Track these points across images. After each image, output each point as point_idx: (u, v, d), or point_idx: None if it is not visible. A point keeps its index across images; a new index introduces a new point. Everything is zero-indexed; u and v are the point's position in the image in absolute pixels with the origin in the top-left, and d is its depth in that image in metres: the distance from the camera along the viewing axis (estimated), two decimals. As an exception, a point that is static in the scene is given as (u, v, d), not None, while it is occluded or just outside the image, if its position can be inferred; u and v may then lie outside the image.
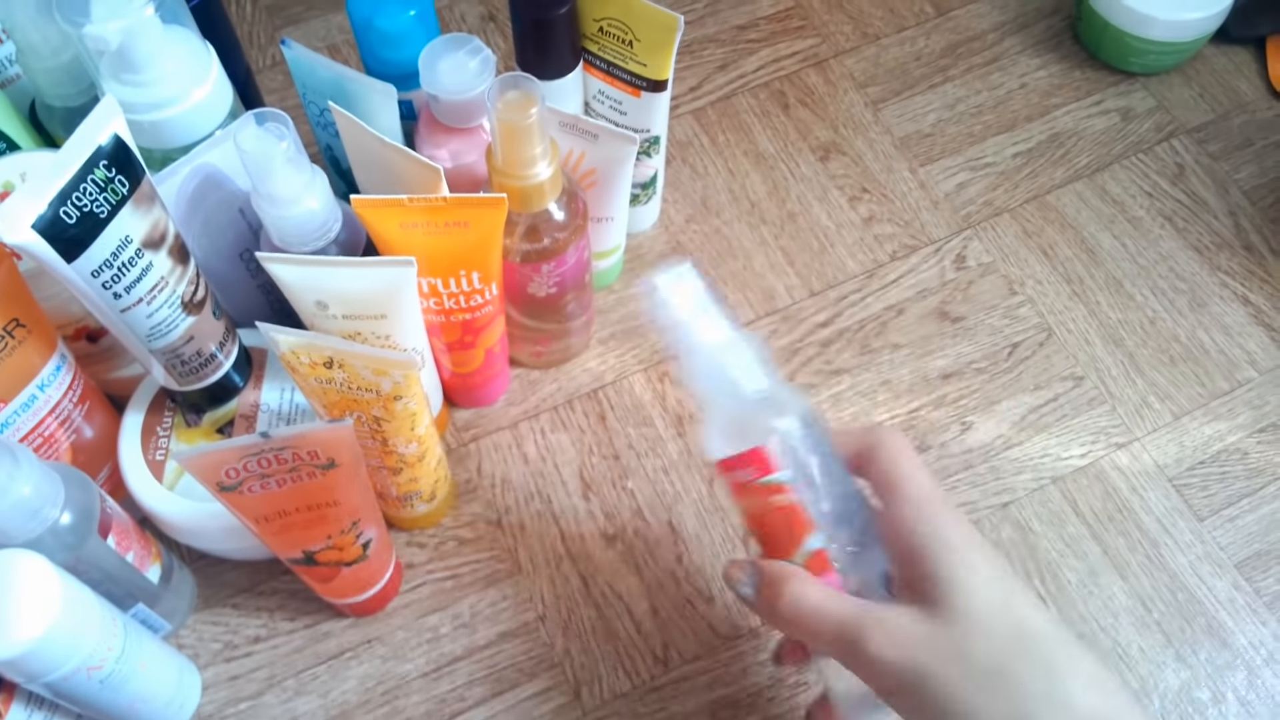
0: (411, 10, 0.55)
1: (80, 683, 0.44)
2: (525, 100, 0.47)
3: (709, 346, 0.40)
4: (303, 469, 0.44)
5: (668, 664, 0.56)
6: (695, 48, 0.79)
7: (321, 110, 0.57)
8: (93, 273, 0.44)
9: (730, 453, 0.40)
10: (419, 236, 0.50)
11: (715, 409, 0.41)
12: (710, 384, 0.40)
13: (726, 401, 0.40)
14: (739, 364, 0.40)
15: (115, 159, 0.44)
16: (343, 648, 0.56)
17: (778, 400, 0.40)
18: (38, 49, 0.53)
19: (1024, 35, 0.80)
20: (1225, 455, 0.63)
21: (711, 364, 0.40)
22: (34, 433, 0.51)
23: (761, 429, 0.39)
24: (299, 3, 0.81)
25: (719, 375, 0.40)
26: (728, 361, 0.40)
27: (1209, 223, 0.71)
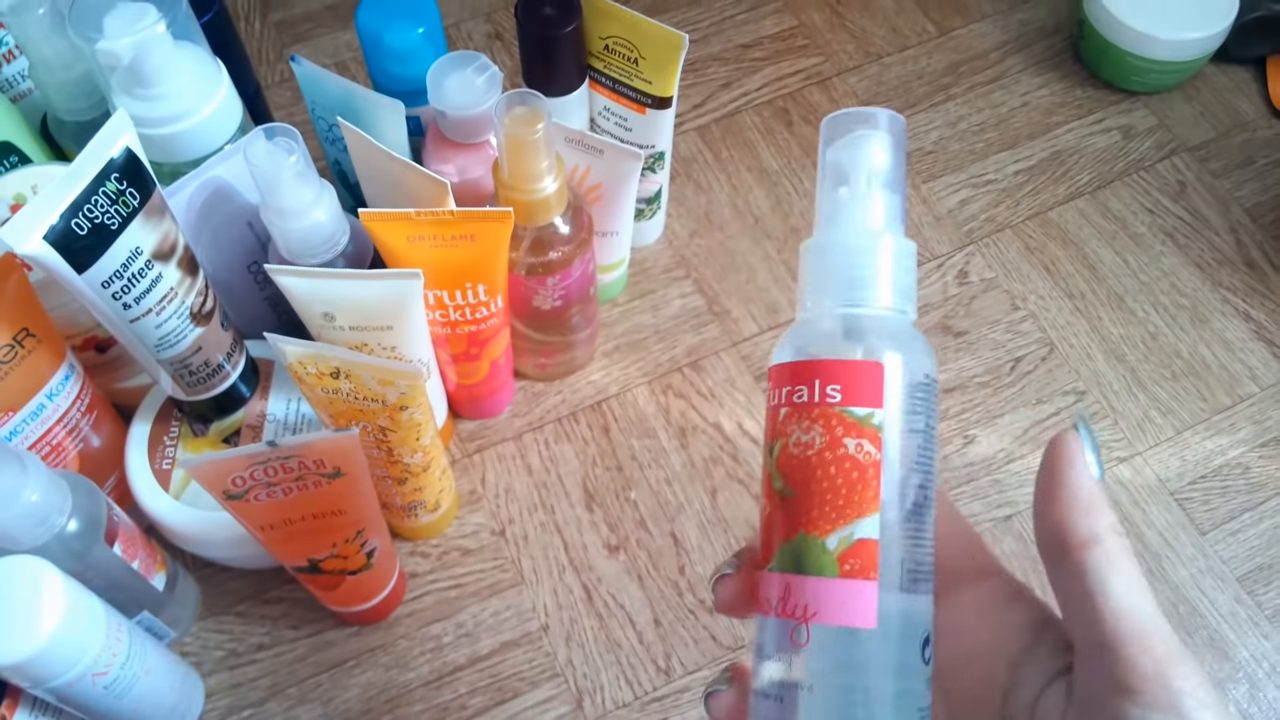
0: (420, 28, 0.56)
1: (85, 688, 0.45)
2: (532, 116, 0.48)
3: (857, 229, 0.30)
4: (309, 478, 0.44)
5: (670, 674, 0.56)
6: (700, 66, 0.80)
7: (330, 125, 0.58)
8: (103, 283, 0.44)
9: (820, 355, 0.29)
10: (426, 249, 0.50)
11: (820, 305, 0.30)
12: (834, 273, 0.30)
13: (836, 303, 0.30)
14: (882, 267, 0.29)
15: (127, 172, 0.44)
16: (346, 656, 0.57)
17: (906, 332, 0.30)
18: (50, 64, 0.54)
19: (1025, 54, 0.81)
20: (1227, 470, 0.63)
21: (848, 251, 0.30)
22: (42, 441, 0.51)
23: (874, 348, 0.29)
24: (308, 20, 0.82)
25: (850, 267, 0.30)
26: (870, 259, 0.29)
27: (1210, 239, 0.72)
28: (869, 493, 0.28)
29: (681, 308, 0.69)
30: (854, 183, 0.30)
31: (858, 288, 0.29)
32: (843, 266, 0.30)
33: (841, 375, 0.29)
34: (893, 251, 0.29)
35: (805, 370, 0.29)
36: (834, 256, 0.30)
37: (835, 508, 0.28)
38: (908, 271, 0.30)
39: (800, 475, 0.28)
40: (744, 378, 0.66)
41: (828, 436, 0.28)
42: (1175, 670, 0.25)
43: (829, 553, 0.28)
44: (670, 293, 0.69)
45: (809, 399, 0.29)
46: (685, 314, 0.68)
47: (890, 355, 0.29)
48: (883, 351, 0.29)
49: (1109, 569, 0.27)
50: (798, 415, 0.29)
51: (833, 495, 0.28)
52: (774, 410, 0.30)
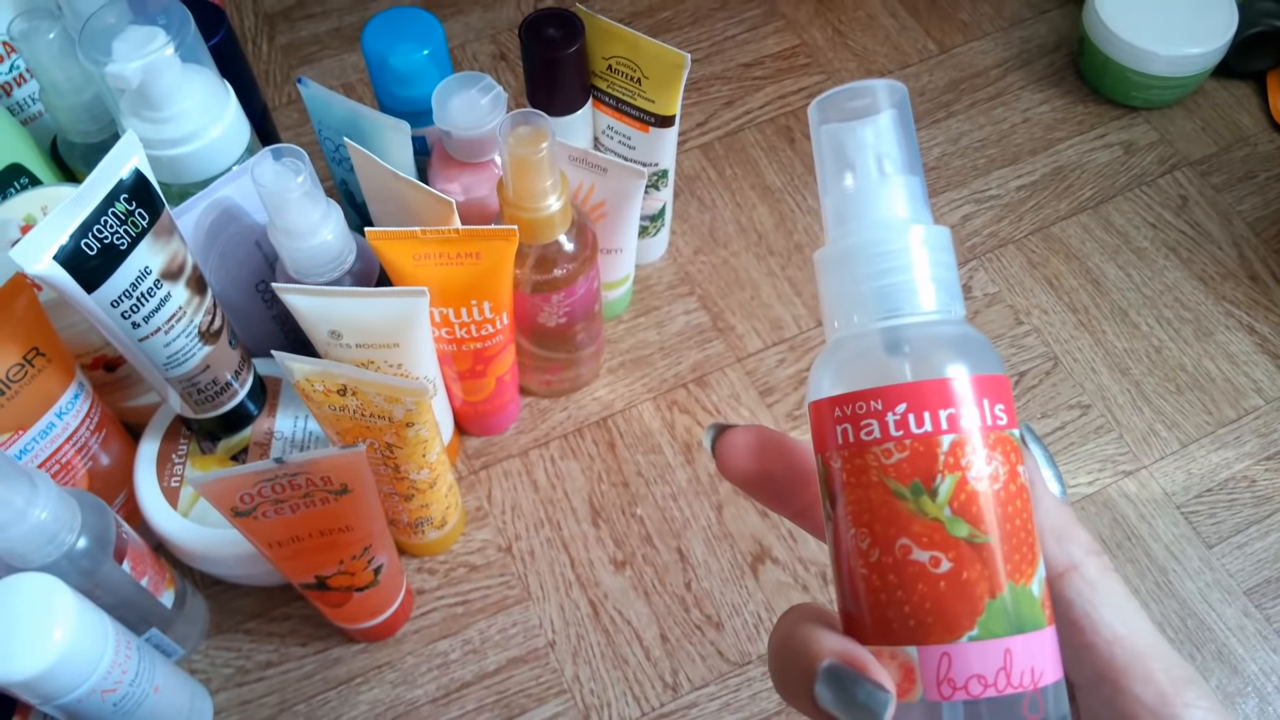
0: (425, 49, 0.56)
1: (94, 706, 0.45)
2: (536, 135, 0.48)
3: (878, 222, 0.25)
4: (316, 495, 0.44)
5: (677, 690, 0.56)
6: (702, 84, 0.81)
7: (337, 146, 0.58)
8: (112, 303, 0.45)
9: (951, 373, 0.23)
10: (431, 267, 0.51)
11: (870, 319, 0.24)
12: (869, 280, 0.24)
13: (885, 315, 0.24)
14: (923, 266, 0.24)
15: (136, 193, 0.45)
16: (353, 673, 0.57)
17: (977, 341, 0.24)
18: (60, 87, 0.54)
19: (1026, 71, 0.81)
20: (1233, 483, 0.63)
21: (873, 249, 0.24)
22: (52, 459, 0.52)
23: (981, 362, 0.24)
24: (314, 42, 0.83)
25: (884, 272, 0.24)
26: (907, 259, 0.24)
27: (1213, 253, 0.72)
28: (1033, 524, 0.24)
29: (686, 324, 0.69)
30: (862, 169, 0.25)
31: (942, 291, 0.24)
32: (875, 268, 0.24)
33: (1000, 393, 0.24)
34: (926, 241, 0.24)
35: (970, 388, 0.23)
36: (859, 259, 0.25)
37: (1029, 547, 0.24)
38: (947, 263, 0.25)
39: (993, 515, 0.23)
40: (749, 393, 0.66)
41: (1007, 466, 0.24)
42: (1181, 698, 0.23)
43: (1035, 600, 0.23)
44: (674, 309, 0.70)
45: (983, 421, 0.23)
46: (690, 330, 0.69)
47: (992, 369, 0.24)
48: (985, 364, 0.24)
49: (1093, 596, 0.25)
50: (971, 443, 0.23)
51: (1026, 534, 0.24)
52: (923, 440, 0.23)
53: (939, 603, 0.23)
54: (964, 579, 0.23)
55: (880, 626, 0.23)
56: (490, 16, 0.85)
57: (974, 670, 0.22)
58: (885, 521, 0.23)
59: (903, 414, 0.23)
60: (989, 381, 0.24)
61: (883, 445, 0.23)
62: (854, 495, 0.24)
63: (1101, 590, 0.25)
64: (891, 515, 0.23)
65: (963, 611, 0.22)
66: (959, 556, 0.23)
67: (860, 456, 0.24)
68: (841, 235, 0.25)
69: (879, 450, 0.23)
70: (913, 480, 0.23)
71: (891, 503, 0.23)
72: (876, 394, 0.23)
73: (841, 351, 0.25)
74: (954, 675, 0.22)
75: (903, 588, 0.23)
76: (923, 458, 0.23)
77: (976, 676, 0.22)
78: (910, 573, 0.23)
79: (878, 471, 0.23)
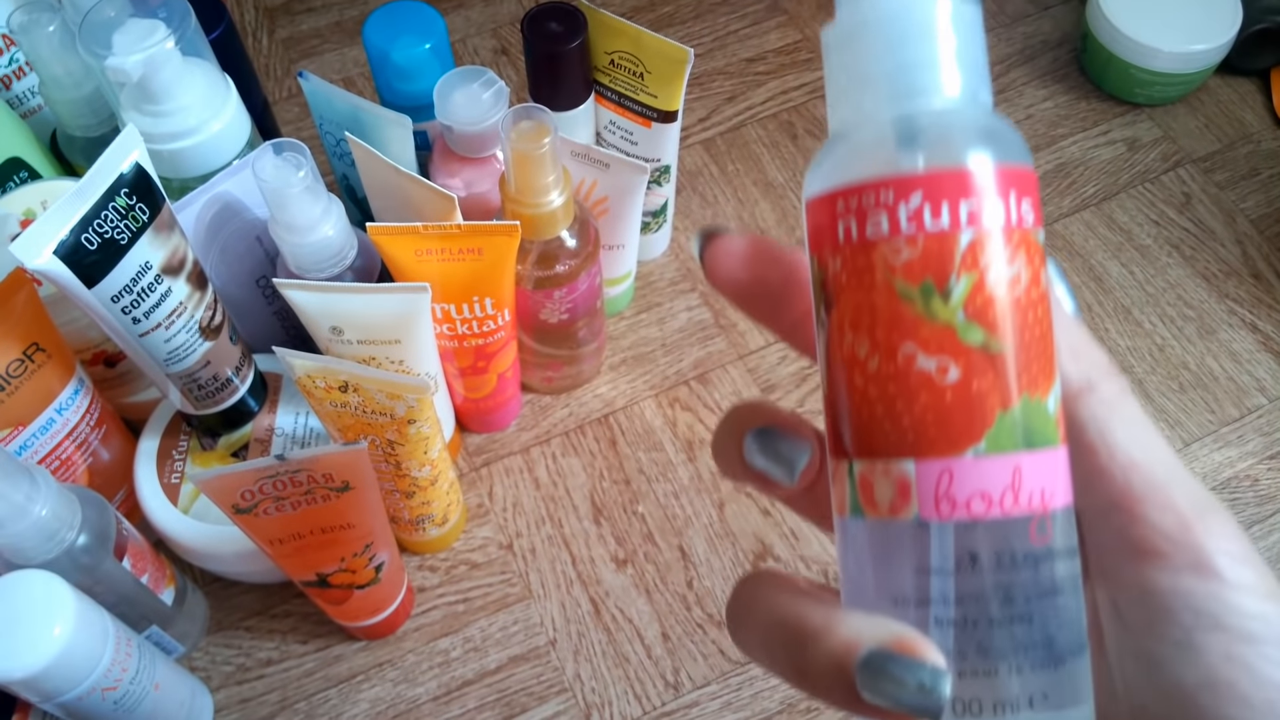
0: (427, 44, 0.56)
1: (94, 703, 0.45)
2: (538, 130, 0.48)
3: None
4: (317, 492, 0.44)
5: (679, 689, 0.56)
6: (705, 80, 0.80)
7: (338, 140, 0.58)
8: (113, 298, 0.44)
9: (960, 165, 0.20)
10: (433, 263, 0.51)
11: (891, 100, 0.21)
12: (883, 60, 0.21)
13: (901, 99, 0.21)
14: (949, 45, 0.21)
15: (136, 187, 0.44)
16: (354, 671, 0.57)
17: (1005, 130, 0.22)
18: (60, 81, 0.54)
19: (1030, 67, 0.81)
20: (1236, 482, 0.63)
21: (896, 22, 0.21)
22: (52, 455, 0.51)
23: (1007, 151, 0.21)
24: (315, 36, 0.83)
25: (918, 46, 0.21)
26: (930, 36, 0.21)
27: (1216, 251, 0.72)
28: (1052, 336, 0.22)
29: (688, 320, 0.69)
30: None
31: (969, 71, 0.21)
32: (893, 44, 0.21)
33: (1027, 187, 0.21)
34: (953, 15, 0.21)
35: (996, 180, 0.21)
36: (872, 36, 0.22)
37: (1048, 357, 0.21)
38: (977, 43, 0.22)
39: (1012, 320, 0.21)
40: (751, 390, 0.66)
41: (1030, 269, 0.21)
42: (1202, 524, 0.21)
43: (1050, 416, 0.21)
44: (677, 305, 0.69)
45: (1007, 218, 0.21)
46: (692, 327, 0.68)
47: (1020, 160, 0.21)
48: (1014, 155, 0.21)
49: (1110, 418, 0.22)
50: (993, 241, 0.20)
51: (1044, 343, 0.21)
52: (938, 236, 0.20)
53: (944, 414, 0.20)
54: (974, 389, 0.20)
55: (874, 440, 0.21)
56: (492, 11, 0.84)
57: (978, 487, 0.20)
58: (888, 326, 0.21)
59: (917, 207, 0.20)
60: (1016, 174, 0.21)
61: (892, 242, 0.21)
62: (854, 298, 0.21)
63: (1119, 413, 0.22)
64: (896, 319, 0.21)
65: (970, 424, 0.20)
66: (969, 365, 0.20)
67: (865, 255, 0.21)
68: (853, 10, 0.22)
69: (887, 248, 0.21)
70: (924, 280, 0.20)
71: (897, 305, 0.21)
72: (888, 184, 0.21)
73: (847, 141, 0.22)
74: (955, 492, 0.20)
75: (903, 398, 0.21)
76: (937, 256, 0.20)
77: (980, 494, 0.20)
78: (913, 382, 0.21)
79: (884, 271, 0.21)
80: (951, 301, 0.20)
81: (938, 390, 0.20)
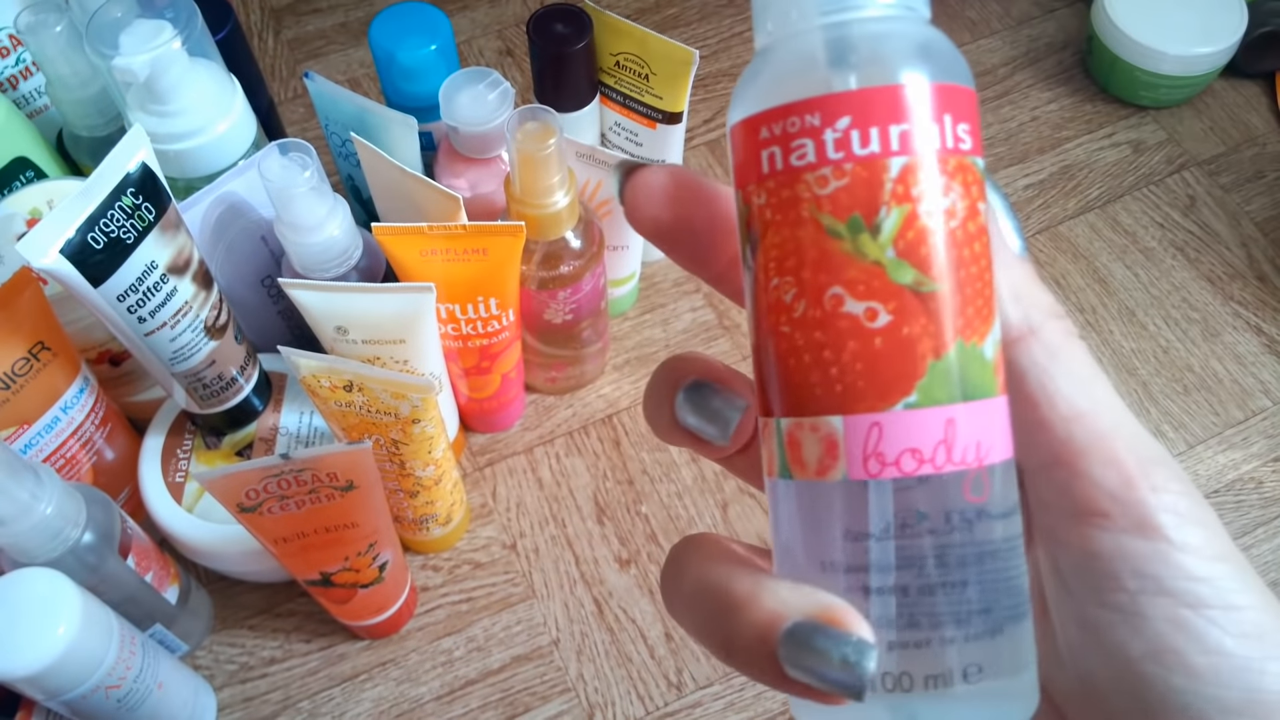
0: (432, 45, 0.56)
1: (98, 701, 0.45)
2: (544, 131, 0.48)
3: None
4: (322, 491, 0.44)
5: (681, 689, 0.56)
6: (709, 81, 0.80)
7: (343, 141, 0.58)
8: (118, 297, 0.44)
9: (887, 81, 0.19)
10: (438, 263, 0.51)
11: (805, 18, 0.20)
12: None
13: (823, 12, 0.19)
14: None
15: (142, 187, 0.45)
16: (357, 670, 0.57)
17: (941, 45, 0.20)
18: (67, 81, 0.54)
19: (1035, 69, 0.81)
20: (1240, 484, 0.63)
21: None
22: (57, 454, 0.51)
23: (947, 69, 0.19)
24: (321, 37, 0.83)
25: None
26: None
27: (1221, 253, 0.72)
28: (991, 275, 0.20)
29: (692, 321, 0.69)
30: None
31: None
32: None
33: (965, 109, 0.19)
34: None
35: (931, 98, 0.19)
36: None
37: (985, 301, 0.19)
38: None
39: (948, 257, 0.19)
40: (754, 392, 0.66)
41: (967, 200, 0.19)
42: (1148, 480, 0.20)
43: (988, 364, 0.19)
44: (681, 306, 0.70)
45: (944, 144, 0.19)
46: (696, 328, 0.69)
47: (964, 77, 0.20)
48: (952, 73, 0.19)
49: (1051, 365, 0.20)
50: (927, 168, 0.19)
51: (982, 284, 0.19)
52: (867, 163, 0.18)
53: (872, 363, 0.19)
54: (904, 334, 0.18)
55: (799, 395, 0.19)
56: (497, 12, 0.85)
57: (909, 443, 0.19)
58: (815, 266, 0.19)
59: (844, 130, 0.18)
60: (953, 93, 0.19)
61: (817, 172, 0.19)
62: (779, 236, 0.19)
63: (1062, 359, 0.20)
64: (823, 258, 0.19)
65: (900, 373, 0.19)
66: (900, 308, 0.18)
67: (790, 187, 0.19)
68: None
69: (812, 178, 0.19)
70: (851, 214, 0.18)
71: (824, 243, 0.19)
72: (812, 105, 0.19)
73: (771, 58, 0.20)
74: (884, 449, 0.19)
75: (830, 346, 0.19)
76: (865, 185, 0.18)
77: (910, 450, 0.19)
78: (841, 328, 0.19)
79: (810, 205, 0.19)
80: (881, 237, 0.18)
81: (866, 336, 0.19)
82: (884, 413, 0.19)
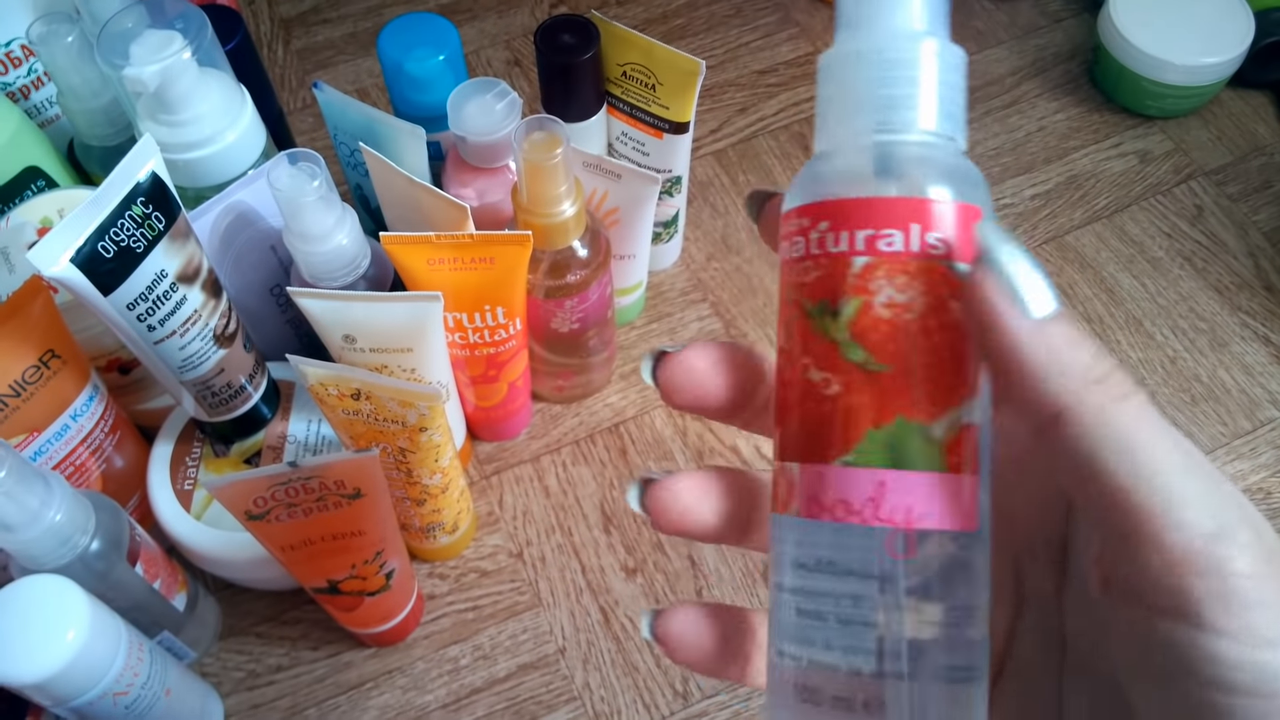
0: (440, 55, 0.56)
1: (106, 708, 0.45)
2: (550, 141, 0.48)
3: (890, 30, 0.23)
4: (329, 499, 0.44)
5: (687, 698, 0.56)
6: (716, 91, 0.81)
7: (352, 151, 0.58)
8: (128, 305, 0.45)
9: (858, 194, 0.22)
10: (445, 272, 0.51)
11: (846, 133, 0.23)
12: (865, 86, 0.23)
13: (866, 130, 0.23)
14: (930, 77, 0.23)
15: (152, 196, 0.45)
16: (364, 678, 0.57)
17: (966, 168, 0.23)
18: (78, 91, 0.55)
19: (1042, 79, 0.81)
20: (1248, 495, 0.62)
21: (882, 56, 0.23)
22: (66, 461, 0.52)
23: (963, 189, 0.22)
24: (330, 48, 0.83)
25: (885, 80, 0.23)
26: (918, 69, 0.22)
27: (1228, 263, 0.71)
28: (971, 367, 0.22)
29: (699, 330, 0.69)
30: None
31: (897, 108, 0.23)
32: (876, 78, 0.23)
33: (941, 221, 0.22)
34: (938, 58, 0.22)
35: (897, 210, 0.22)
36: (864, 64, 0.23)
37: (942, 387, 0.22)
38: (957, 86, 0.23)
39: (896, 345, 0.22)
40: (761, 401, 0.66)
41: (930, 297, 0.22)
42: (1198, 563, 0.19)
43: (934, 442, 0.22)
44: (687, 315, 0.70)
45: (906, 247, 0.22)
46: (703, 337, 0.69)
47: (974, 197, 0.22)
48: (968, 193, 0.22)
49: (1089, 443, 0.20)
50: (889, 267, 0.22)
51: (938, 371, 0.22)
52: (836, 260, 0.22)
53: (822, 423, 0.23)
54: (848, 403, 0.22)
55: (782, 442, 0.24)
56: (505, 22, 0.85)
57: (841, 494, 0.22)
58: (797, 340, 0.23)
59: (823, 232, 0.23)
60: (925, 206, 0.22)
61: (804, 263, 0.23)
62: (783, 313, 0.24)
63: (1098, 436, 0.20)
64: (802, 334, 0.23)
65: (842, 435, 0.22)
66: (848, 381, 0.22)
67: (789, 274, 0.23)
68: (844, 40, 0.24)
69: (800, 268, 0.23)
70: (821, 300, 0.23)
71: (803, 320, 0.23)
72: (807, 210, 0.23)
73: (808, 166, 0.24)
74: (823, 495, 0.22)
75: (799, 406, 0.23)
76: (832, 277, 0.22)
77: (842, 501, 0.22)
78: (804, 391, 0.23)
79: (797, 289, 0.23)
80: (839, 319, 0.22)
81: (820, 400, 0.23)
82: (826, 465, 0.22)
